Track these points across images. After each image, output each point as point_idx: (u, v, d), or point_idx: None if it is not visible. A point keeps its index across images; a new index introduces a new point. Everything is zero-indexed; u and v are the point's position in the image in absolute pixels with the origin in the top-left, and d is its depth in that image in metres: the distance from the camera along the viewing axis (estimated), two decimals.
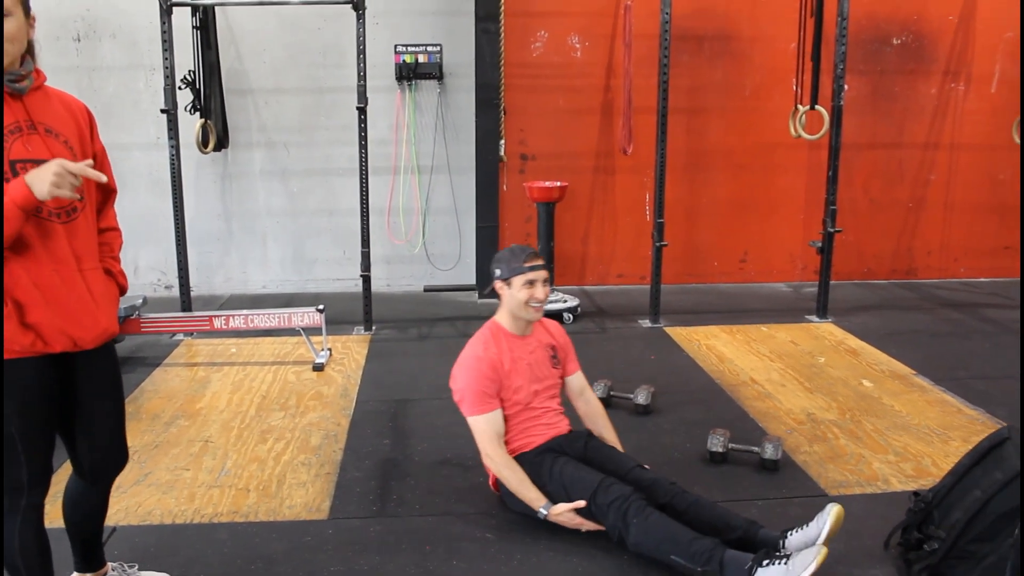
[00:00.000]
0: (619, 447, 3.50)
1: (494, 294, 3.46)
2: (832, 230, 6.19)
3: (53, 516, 2.62)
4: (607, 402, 4.50)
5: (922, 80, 7.35)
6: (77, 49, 6.71)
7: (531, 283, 3.32)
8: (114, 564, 2.90)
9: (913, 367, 5.21)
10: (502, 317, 3.45)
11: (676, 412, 4.50)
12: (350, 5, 5.58)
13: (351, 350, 5.61)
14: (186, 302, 6.01)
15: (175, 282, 6.42)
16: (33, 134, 2.25)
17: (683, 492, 3.12)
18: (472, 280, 7.11)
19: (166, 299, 6.78)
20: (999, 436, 3.01)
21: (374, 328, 6.08)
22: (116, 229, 2.62)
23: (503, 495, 3.42)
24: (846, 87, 6.25)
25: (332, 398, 4.74)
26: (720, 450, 3.84)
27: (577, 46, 6.99)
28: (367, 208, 5.94)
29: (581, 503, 3.10)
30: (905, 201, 7.58)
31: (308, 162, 7.01)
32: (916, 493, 3.17)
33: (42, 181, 2.09)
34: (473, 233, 7.07)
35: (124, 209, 6.72)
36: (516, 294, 3.34)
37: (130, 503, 3.51)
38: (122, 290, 2.59)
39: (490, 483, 3.49)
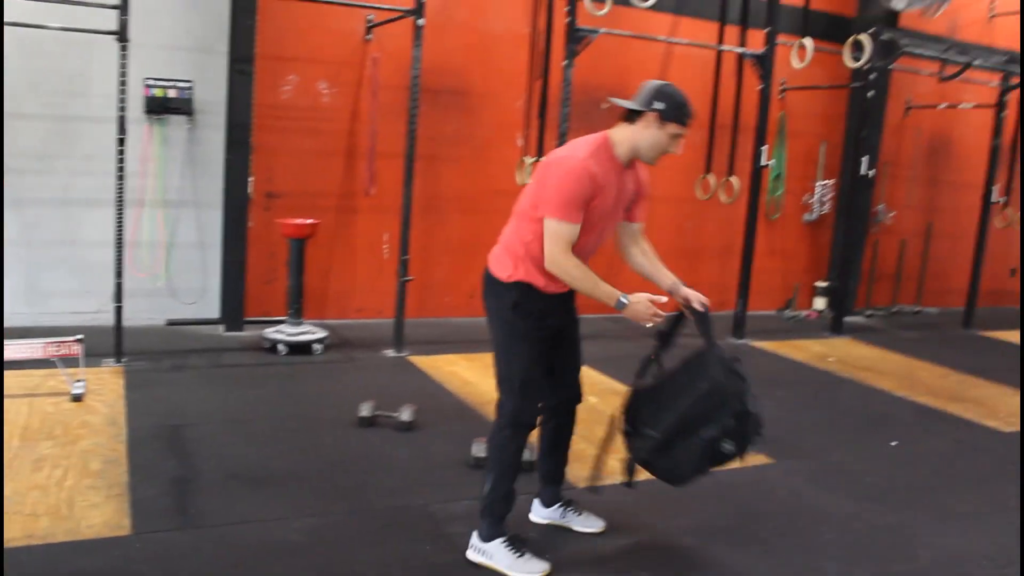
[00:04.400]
0: (671, 277, 3.64)
1: (240, 327, 3.61)
2: None
3: None
4: (373, 420, 4.96)
5: None
6: None
7: (677, 136, 3.29)
8: None
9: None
10: (619, 139, 3.32)
11: (437, 427, 5.06)
12: (113, 36, 5.65)
13: (106, 381, 5.60)
14: None
15: None
16: None
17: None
18: (216, 314, 7.23)
19: None
20: (700, 350, 3.52)
21: (124, 360, 6.07)
22: None
23: None
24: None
25: (100, 426, 4.78)
26: (483, 455, 4.42)
27: (325, 92, 7.41)
28: (122, 239, 5.98)
29: (663, 299, 3.30)
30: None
31: (46, 191, 6.80)
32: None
33: None
34: (218, 268, 7.21)
35: None
36: (661, 136, 3.27)
37: None
38: None
39: None
